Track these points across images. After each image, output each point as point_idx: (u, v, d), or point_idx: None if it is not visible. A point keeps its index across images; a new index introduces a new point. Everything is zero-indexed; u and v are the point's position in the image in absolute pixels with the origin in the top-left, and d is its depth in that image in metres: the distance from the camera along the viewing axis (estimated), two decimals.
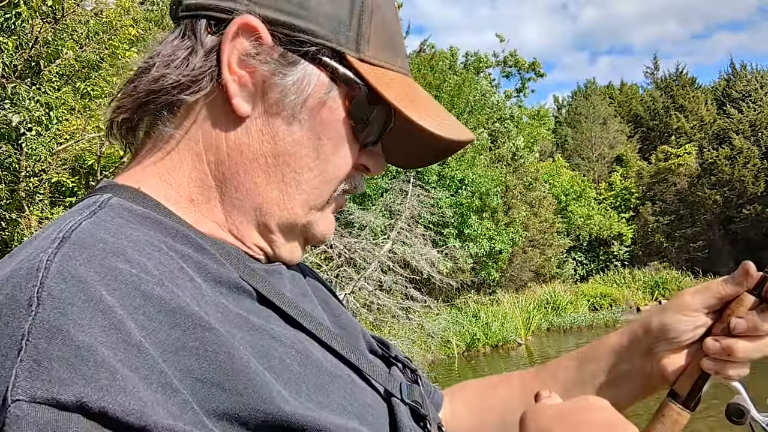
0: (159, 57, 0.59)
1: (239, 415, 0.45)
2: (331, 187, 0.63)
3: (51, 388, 0.38)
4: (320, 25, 0.58)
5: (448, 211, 15.36)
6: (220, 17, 0.57)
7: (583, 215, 24.35)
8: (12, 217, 6.29)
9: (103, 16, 7.33)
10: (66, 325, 0.40)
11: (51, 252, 0.44)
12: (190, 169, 0.60)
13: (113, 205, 0.53)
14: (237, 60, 0.57)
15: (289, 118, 0.59)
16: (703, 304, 0.74)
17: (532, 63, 23.44)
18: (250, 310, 0.55)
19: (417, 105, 0.62)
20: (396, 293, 11.61)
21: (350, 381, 0.59)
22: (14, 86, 5.58)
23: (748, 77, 29.09)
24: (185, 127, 0.60)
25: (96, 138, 6.76)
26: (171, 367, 0.43)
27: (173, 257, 0.51)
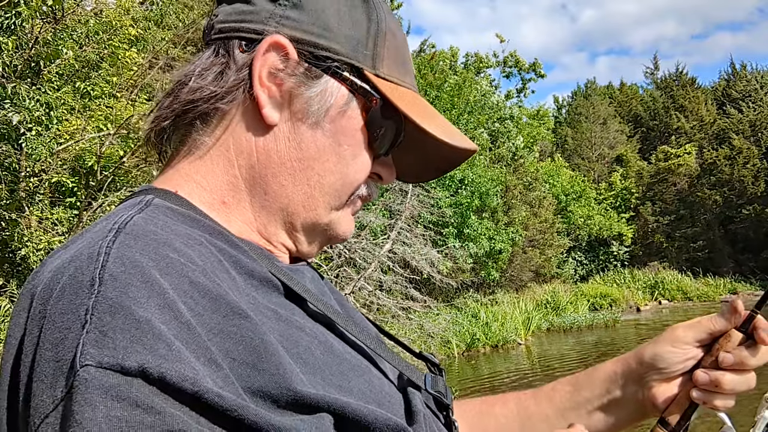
0: (195, 72, 0.66)
1: (271, 393, 0.50)
2: (350, 190, 0.69)
3: (116, 354, 0.42)
4: (341, 45, 0.65)
5: (448, 211, 15.36)
6: (251, 38, 0.64)
7: (583, 215, 24.34)
8: (12, 217, 6.29)
9: (103, 16, 7.32)
10: (127, 302, 0.45)
11: (109, 239, 0.50)
12: (223, 173, 0.66)
13: (157, 204, 0.59)
14: (267, 74, 0.64)
15: (313, 125, 0.66)
16: (695, 338, 0.80)
17: (533, 63, 23.43)
18: (277, 303, 0.60)
19: (426, 115, 0.68)
20: (396, 293, 11.61)
21: (368, 371, 0.63)
22: (14, 86, 5.58)
23: (748, 77, 29.08)
24: (218, 135, 0.66)
25: (96, 138, 6.75)
26: (214, 346, 0.48)
27: (212, 251, 0.56)
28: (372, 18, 0.67)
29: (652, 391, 0.81)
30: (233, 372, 0.49)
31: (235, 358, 0.49)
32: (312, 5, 0.65)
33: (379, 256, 10.99)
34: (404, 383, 0.68)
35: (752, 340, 0.76)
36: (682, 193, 25.95)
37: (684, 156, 25.89)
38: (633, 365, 0.83)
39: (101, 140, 6.68)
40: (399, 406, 0.63)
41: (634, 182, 27.25)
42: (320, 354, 0.58)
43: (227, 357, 0.49)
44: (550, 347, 15.60)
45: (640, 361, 0.82)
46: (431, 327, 12.41)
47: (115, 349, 0.43)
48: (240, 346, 0.50)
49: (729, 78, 30.77)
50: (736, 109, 26.98)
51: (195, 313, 0.48)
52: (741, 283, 22.75)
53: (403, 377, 0.69)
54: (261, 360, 0.50)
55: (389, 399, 0.62)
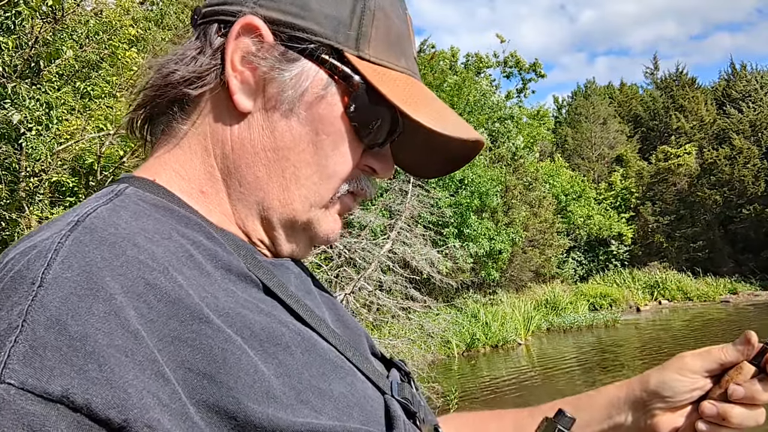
0: (173, 56, 0.63)
1: (228, 409, 0.46)
2: (332, 185, 0.64)
3: (42, 376, 0.39)
4: (320, 25, 0.60)
5: (448, 211, 15.36)
6: (228, 20, 0.61)
7: (583, 215, 24.33)
8: (12, 217, 6.29)
9: (103, 16, 7.32)
10: (64, 315, 0.41)
11: (63, 235, 0.47)
12: (200, 162, 0.63)
13: (129, 194, 0.56)
14: (239, 58, 0.60)
15: (287, 112, 0.61)
16: (704, 367, 0.76)
17: (533, 63, 23.43)
18: (257, 298, 0.57)
19: (417, 102, 0.62)
20: (396, 293, 11.61)
21: (352, 372, 0.61)
22: (14, 86, 5.58)
23: (748, 77, 29.07)
24: (194, 122, 0.63)
25: (96, 138, 6.75)
26: (165, 356, 0.45)
27: (183, 245, 0.53)
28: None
29: (655, 419, 0.78)
30: (186, 385, 0.45)
31: (191, 368, 0.46)
32: None
33: (379, 256, 10.99)
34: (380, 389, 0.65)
35: (765, 374, 0.73)
36: (682, 193, 25.94)
37: (684, 156, 25.88)
38: (637, 391, 0.80)
39: (101, 140, 6.68)
40: (380, 411, 0.60)
41: (634, 182, 27.24)
42: (300, 354, 0.55)
43: (181, 367, 0.45)
44: (550, 347, 15.60)
45: (644, 388, 0.79)
46: (431, 327, 12.41)
47: (42, 369, 0.40)
48: (197, 355, 0.46)
49: (729, 78, 30.75)
50: (736, 109, 26.96)
51: (147, 319, 0.45)
52: (741, 283, 22.74)
53: None
54: (219, 370, 0.47)
55: (371, 403, 0.59)
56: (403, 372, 0.73)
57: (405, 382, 0.71)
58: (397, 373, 0.71)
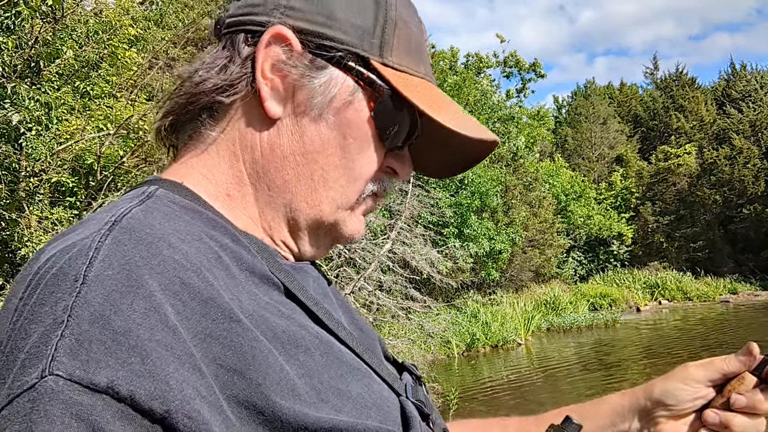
0: (202, 65, 0.65)
1: (257, 404, 0.48)
2: (358, 187, 0.67)
3: (88, 368, 0.41)
4: (346, 34, 0.63)
5: (448, 211, 15.36)
6: (256, 30, 0.63)
7: (583, 215, 24.33)
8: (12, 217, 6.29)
9: (103, 16, 7.32)
10: (107, 310, 0.43)
11: (103, 234, 0.49)
12: (228, 167, 0.65)
13: (159, 196, 0.58)
14: (270, 66, 0.62)
15: (316, 118, 0.64)
16: (706, 377, 0.79)
17: (533, 63, 23.42)
18: (278, 301, 0.58)
19: (439, 106, 0.65)
20: (396, 293, 11.61)
21: (368, 374, 0.62)
22: (14, 86, 5.57)
23: (747, 77, 29.08)
24: (223, 128, 0.65)
25: (96, 138, 6.75)
26: (199, 352, 0.47)
27: (211, 246, 0.55)
28: (381, 5, 0.65)
29: (658, 427, 0.80)
30: (218, 380, 0.47)
31: (222, 364, 0.48)
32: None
33: (379, 256, 10.99)
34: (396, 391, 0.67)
35: (766, 384, 0.76)
36: (682, 193, 25.94)
37: (684, 156, 25.88)
38: (641, 400, 0.82)
39: (101, 140, 6.68)
40: (396, 412, 0.62)
41: (634, 182, 27.24)
42: (320, 356, 0.56)
43: (213, 363, 0.47)
44: (550, 347, 15.60)
45: (648, 396, 0.81)
46: (431, 327, 12.41)
47: (88, 362, 0.42)
48: (228, 351, 0.48)
49: (729, 78, 30.76)
50: (736, 109, 26.97)
51: (182, 316, 0.47)
52: (741, 283, 22.75)
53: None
54: (249, 367, 0.49)
55: (387, 404, 0.61)
56: (415, 375, 0.75)
57: (418, 385, 0.72)
58: (408, 376, 0.73)
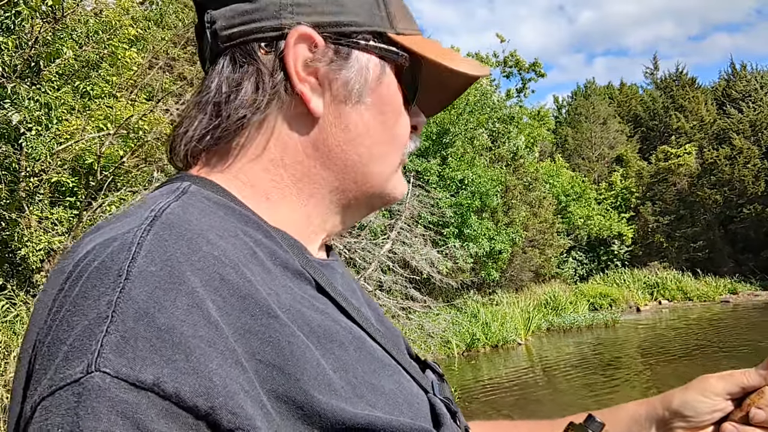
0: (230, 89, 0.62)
1: (296, 399, 0.49)
2: (400, 152, 0.70)
3: (134, 365, 0.42)
4: (358, 15, 0.64)
5: (448, 211, 15.35)
6: (271, 36, 0.62)
7: (583, 216, 24.33)
8: (12, 217, 6.29)
9: (103, 15, 7.32)
10: (151, 308, 0.44)
11: (144, 229, 0.49)
12: (265, 173, 0.64)
13: (194, 191, 0.58)
14: (302, 67, 0.63)
15: (355, 104, 0.65)
16: (726, 390, 0.78)
17: (533, 63, 23.42)
18: (311, 296, 0.59)
19: (450, 57, 0.69)
20: (396, 293, 11.61)
21: (398, 370, 0.63)
22: (14, 86, 5.57)
23: (748, 77, 29.07)
24: (258, 137, 0.64)
25: (96, 138, 6.75)
26: (240, 347, 0.47)
27: (246, 242, 0.56)
28: None
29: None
30: (258, 375, 0.48)
31: (261, 360, 0.48)
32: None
33: (379, 256, 10.99)
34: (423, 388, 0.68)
35: None
36: (682, 193, 25.94)
37: (684, 156, 25.88)
38: (659, 410, 0.82)
39: (101, 140, 6.68)
40: (426, 408, 0.63)
41: (634, 182, 27.24)
42: (353, 350, 0.57)
43: (253, 358, 0.48)
44: (550, 347, 15.60)
45: (667, 407, 0.82)
46: (431, 327, 12.41)
47: (134, 359, 0.42)
48: (267, 347, 0.49)
49: (729, 78, 30.75)
50: (736, 109, 26.96)
51: (223, 312, 0.47)
52: (741, 283, 22.75)
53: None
54: (287, 362, 0.49)
55: (417, 401, 0.62)
56: (438, 374, 0.75)
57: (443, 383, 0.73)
58: (432, 374, 0.74)
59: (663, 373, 11.46)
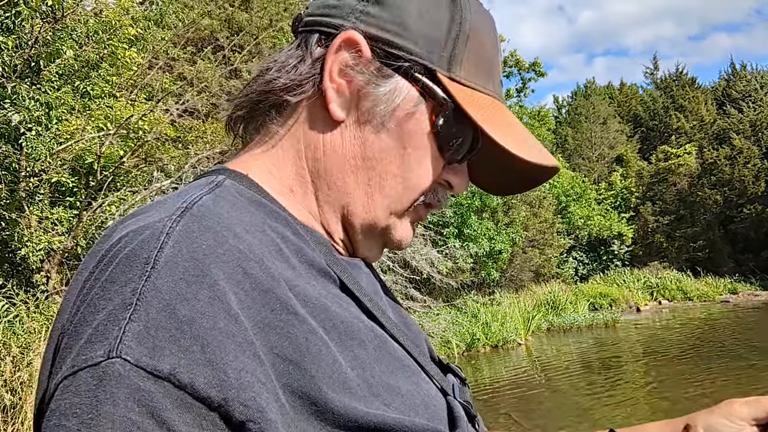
0: (275, 63, 0.67)
1: (310, 394, 0.50)
2: (412, 196, 0.68)
3: (153, 354, 0.43)
4: (416, 44, 0.64)
5: (448, 211, 15.35)
6: (330, 32, 0.64)
7: (583, 216, 24.33)
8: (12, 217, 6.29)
9: (103, 16, 7.32)
10: (174, 299, 0.45)
11: (174, 220, 0.51)
12: (292, 163, 0.66)
13: (227, 185, 0.60)
14: (338, 70, 0.64)
15: (378, 126, 0.65)
16: (751, 415, 0.78)
17: (533, 63, 23.43)
18: (335, 294, 0.60)
19: (501, 126, 0.65)
20: (396, 293, 11.59)
21: (417, 372, 0.63)
22: (14, 86, 5.57)
23: (748, 77, 29.07)
24: (290, 126, 0.67)
25: (96, 138, 6.75)
26: (258, 340, 0.48)
27: (273, 238, 0.57)
28: (455, 19, 0.65)
29: None
30: (275, 368, 0.49)
31: (279, 354, 0.49)
32: (395, 2, 0.64)
33: None
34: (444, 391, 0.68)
35: None
36: (682, 193, 25.94)
37: (684, 156, 25.88)
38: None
39: (101, 140, 6.67)
40: (443, 411, 0.63)
41: (634, 182, 27.24)
42: (373, 349, 0.58)
43: (270, 352, 0.49)
44: (550, 347, 15.60)
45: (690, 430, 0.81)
46: (431, 327, 12.41)
47: (154, 349, 0.44)
48: (285, 342, 0.50)
49: (729, 78, 30.75)
50: (736, 109, 26.96)
51: (244, 305, 0.49)
52: (741, 283, 22.75)
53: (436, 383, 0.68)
54: (304, 358, 0.50)
55: (435, 403, 0.62)
56: (460, 378, 0.76)
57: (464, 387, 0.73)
58: (453, 378, 0.74)
59: (663, 373, 11.45)
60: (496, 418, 9.41)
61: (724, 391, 9.12)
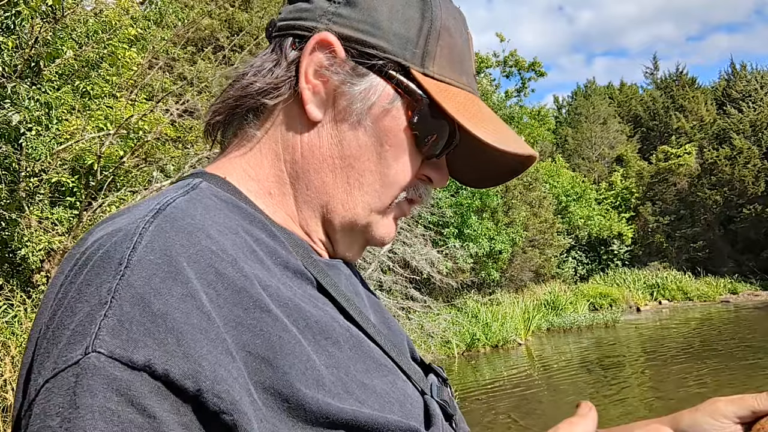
0: (251, 68, 0.68)
1: (282, 392, 0.51)
2: (392, 192, 0.69)
3: (128, 347, 0.44)
4: (389, 42, 0.65)
5: (448, 211, 15.35)
6: (304, 35, 0.65)
7: (583, 216, 24.33)
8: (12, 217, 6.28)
9: (103, 15, 7.32)
10: (148, 293, 0.46)
11: (147, 221, 0.52)
12: (270, 166, 0.67)
13: (203, 188, 0.61)
14: (313, 71, 0.65)
15: (355, 124, 0.66)
16: (735, 413, 0.78)
17: (533, 62, 23.41)
18: (311, 295, 0.61)
19: (477, 119, 0.66)
20: (396, 293, 11.61)
21: (394, 371, 0.64)
22: (14, 86, 5.57)
23: (748, 77, 29.07)
24: (267, 129, 0.68)
25: (96, 138, 6.75)
26: (230, 338, 0.49)
27: (247, 240, 0.57)
28: (426, 16, 0.66)
29: None
30: (247, 366, 0.50)
31: (251, 351, 0.50)
32: (365, 3, 0.65)
33: (379, 256, 10.99)
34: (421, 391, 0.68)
35: None
36: (682, 193, 25.93)
37: (684, 156, 25.88)
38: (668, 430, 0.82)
39: (101, 140, 6.67)
40: (419, 410, 0.63)
41: (635, 182, 27.24)
42: (348, 349, 0.58)
43: (243, 350, 0.50)
44: (550, 347, 15.60)
45: (675, 427, 0.81)
46: (431, 327, 12.42)
47: (128, 341, 0.44)
48: (257, 340, 0.51)
49: (729, 78, 30.75)
50: (736, 109, 26.96)
51: (215, 304, 0.49)
52: (741, 283, 22.75)
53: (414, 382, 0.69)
54: (276, 356, 0.51)
55: (411, 401, 0.63)
56: (441, 378, 0.76)
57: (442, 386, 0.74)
58: (434, 377, 0.74)
59: (663, 373, 11.45)
60: (496, 418, 9.41)
61: (724, 390, 9.12)
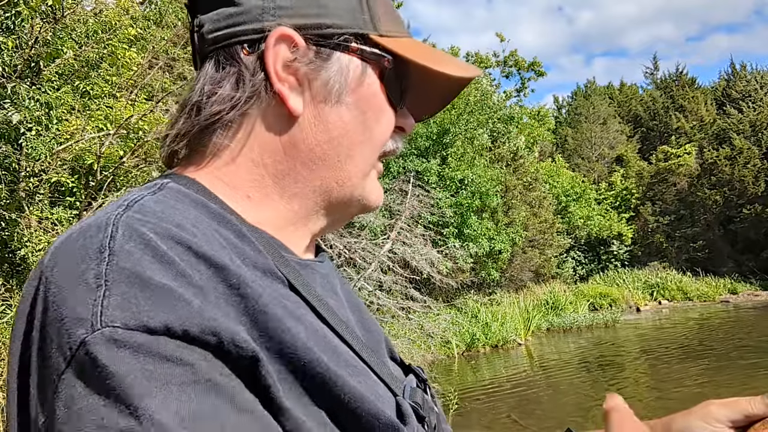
0: (208, 86, 0.65)
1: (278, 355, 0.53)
2: (378, 151, 0.71)
3: (140, 317, 0.45)
4: (340, 18, 0.66)
5: (448, 211, 15.36)
6: (253, 38, 0.64)
7: (583, 216, 24.33)
8: (12, 217, 6.28)
9: (103, 15, 7.32)
10: (143, 272, 0.47)
11: (118, 214, 0.52)
12: (246, 173, 0.66)
13: (172, 187, 0.61)
14: (281, 68, 0.64)
15: (335, 104, 0.66)
16: (728, 417, 0.77)
17: (532, 62, 23.41)
18: (282, 294, 0.60)
19: (437, 59, 0.70)
20: (396, 293, 11.61)
21: (364, 371, 0.63)
22: (14, 86, 5.57)
23: (747, 77, 29.08)
24: (239, 137, 0.66)
25: (96, 138, 6.75)
26: (226, 306, 0.51)
27: (217, 238, 0.57)
28: None
29: None
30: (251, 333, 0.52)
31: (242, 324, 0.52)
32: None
33: (379, 256, 10.99)
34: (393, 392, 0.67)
35: None
36: (682, 193, 25.94)
37: (684, 156, 25.88)
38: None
39: (101, 140, 6.67)
40: (391, 410, 0.63)
41: (634, 182, 27.24)
42: (318, 350, 0.58)
43: (244, 315, 0.52)
44: (550, 347, 15.60)
45: (667, 430, 0.80)
46: (431, 327, 12.42)
47: (139, 312, 0.45)
48: (244, 316, 0.52)
49: (729, 78, 30.76)
50: (736, 109, 26.96)
51: (204, 281, 0.51)
52: (741, 283, 22.75)
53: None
54: (267, 326, 0.53)
55: (381, 401, 0.62)
56: (420, 379, 0.75)
57: (420, 389, 0.73)
58: (413, 378, 0.74)
59: (663, 373, 11.45)
60: (496, 418, 9.42)
61: (723, 390, 9.12)
